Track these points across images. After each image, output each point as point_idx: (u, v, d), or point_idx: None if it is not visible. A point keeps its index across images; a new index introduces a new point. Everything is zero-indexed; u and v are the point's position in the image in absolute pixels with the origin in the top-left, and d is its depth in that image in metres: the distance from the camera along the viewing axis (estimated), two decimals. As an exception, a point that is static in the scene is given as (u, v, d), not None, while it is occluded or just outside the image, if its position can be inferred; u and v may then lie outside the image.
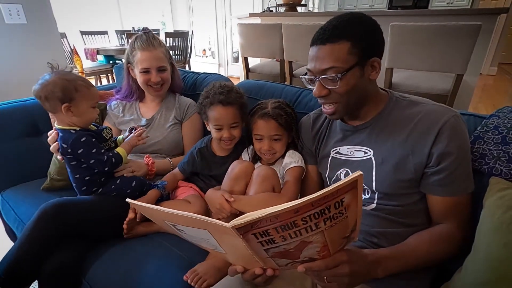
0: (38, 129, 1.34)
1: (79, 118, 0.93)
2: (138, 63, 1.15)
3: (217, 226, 0.43)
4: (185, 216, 0.45)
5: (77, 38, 4.16)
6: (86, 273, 0.86)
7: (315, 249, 0.47)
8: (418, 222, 0.71)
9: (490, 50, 4.62)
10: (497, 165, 0.70)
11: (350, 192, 0.40)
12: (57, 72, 0.92)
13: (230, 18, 5.12)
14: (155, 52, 1.15)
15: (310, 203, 0.38)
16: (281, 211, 0.38)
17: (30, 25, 1.99)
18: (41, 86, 0.89)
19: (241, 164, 0.92)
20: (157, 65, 1.16)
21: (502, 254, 0.54)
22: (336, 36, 0.66)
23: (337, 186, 0.37)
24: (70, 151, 0.92)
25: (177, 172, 1.12)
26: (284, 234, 0.42)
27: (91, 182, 0.97)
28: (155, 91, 1.20)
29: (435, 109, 0.69)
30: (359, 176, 0.38)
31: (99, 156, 0.93)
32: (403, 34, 1.77)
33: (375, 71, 0.70)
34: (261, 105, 0.99)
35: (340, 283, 0.53)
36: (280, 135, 0.95)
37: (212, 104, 0.99)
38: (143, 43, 1.14)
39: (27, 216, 1.05)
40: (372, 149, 0.74)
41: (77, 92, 0.91)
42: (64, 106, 0.90)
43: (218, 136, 1.01)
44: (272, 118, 0.93)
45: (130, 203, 0.52)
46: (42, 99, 0.90)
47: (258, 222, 0.40)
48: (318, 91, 0.72)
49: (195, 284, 0.76)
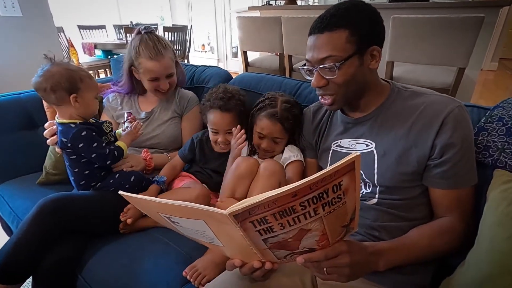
0: (33, 122, 1.32)
1: (84, 110, 0.93)
2: (146, 72, 1.11)
3: (213, 214, 0.42)
4: (180, 206, 0.43)
5: (75, 33, 4.12)
6: (82, 269, 0.85)
7: (314, 238, 0.45)
8: (420, 216, 0.69)
9: (491, 45, 4.59)
10: (501, 157, 0.68)
11: (348, 175, 0.39)
12: (57, 63, 0.90)
13: (229, 12, 5.07)
14: (163, 61, 1.10)
15: (308, 186, 0.37)
16: (279, 195, 0.37)
17: (25, 17, 1.96)
18: (45, 78, 0.86)
19: (247, 162, 0.87)
20: (167, 73, 1.13)
21: (506, 247, 0.53)
22: (334, 24, 0.65)
23: (335, 167, 0.37)
24: (70, 146, 0.91)
25: (176, 163, 1.11)
26: (282, 221, 0.41)
27: (90, 177, 0.96)
28: (162, 95, 1.18)
29: (438, 100, 0.67)
30: (357, 156, 0.38)
31: (100, 150, 0.92)
32: (405, 26, 1.74)
33: (375, 60, 0.68)
34: (271, 100, 0.96)
35: (340, 274, 0.52)
36: (282, 138, 0.94)
37: (211, 108, 1.00)
38: (150, 52, 1.07)
39: (22, 211, 1.04)
40: (374, 142, 0.73)
41: (82, 83, 0.90)
42: (73, 97, 0.88)
43: (214, 139, 1.03)
44: (279, 122, 0.92)
45: (123, 195, 0.51)
46: (47, 90, 0.86)
47: (256, 208, 0.39)
48: (316, 82, 0.70)
49: (194, 280, 0.75)
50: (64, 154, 0.96)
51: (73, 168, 0.96)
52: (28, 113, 1.31)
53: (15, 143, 1.26)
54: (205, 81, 1.35)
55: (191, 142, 1.11)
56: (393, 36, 1.79)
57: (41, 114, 1.26)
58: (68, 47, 3.38)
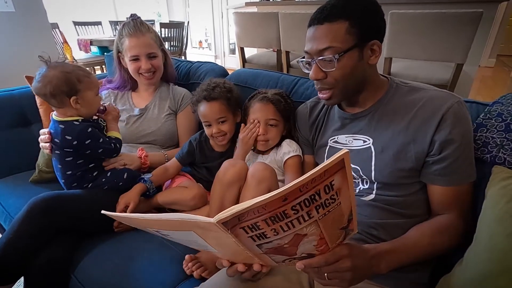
0: (26, 119, 1.30)
1: (87, 109, 0.92)
2: (127, 51, 1.12)
3: (201, 224, 0.40)
4: (165, 220, 0.42)
5: (70, 29, 4.07)
6: (75, 268, 0.84)
7: (312, 243, 0.44)
8: (418, 213, 0.68)
9: (489, 42, 4.58)
10: (500, 154, 0.67)
11: (339, 174, 0.37)
12: (53, 65, 0.89)
13: (226, 8, 5.03)
14: (143, 38, 1.11)
15: (298, 188, 0.35)
16: (267, 200, 0.35)
17: (18, 13, 1.93)
18: (43, 83, 0.86)
19: (234, 168, 0.83)
20: (146, 51, 1.12)
21: (506, 245, 0.52)
22: (334, 15, 0.63)
23: (323, 166, 0.35)
24: (75, 143, 0.89)
25: (171, 165, 1.08)
26: (275, 227, 0.39)
27: (82, 178, 0.94)
28: (146, 79, 1.16)
29: (437, 95, 0.66)
30: (345, 154, 0.36)
31: (106, 145, 0.94)
32: (403, 22, 1.73)
33: (374, 55, 0.67)
34: (260, 91, 0.98)
35: (341, 279, 0.50)
36: (276, 121, 0.93)
37: (198, 102, 1.00)
38: (130, 29, 1.11)
39: (15, 209, 1.03)
40: (371, 138, 0.72)
41: (81, 83, 0.89)
42: (73, 99, 0.88)
43: (209, 132, 1.01)
44: (271, 102, 0.93)
45: (108, 215, 0.49)
46: (47, 96, 0.87)
47: (245, 214, 0.37)
48: (314, 74, 0.68)
49: (196, 270, 0.74)
50: (57, 156, 0.93)
51: (65, 170, 0.93)
52: (21, 110, 1.29)
53: (7, 140, 1.24)
54: (200, 77, 1.33)
55: (190, 145, 1.08)
56: (391, 31, 1.77)
57: (34, 111, 1.24)
58: (62, 43, 3.34)
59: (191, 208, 0.97)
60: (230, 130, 1.01)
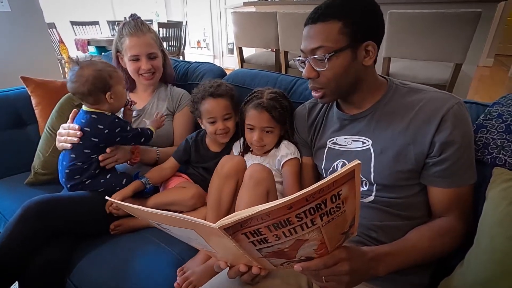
0: (21, 120, 1.29)
1: (118, 102, 0.97)
2: (127, 50, 1.11)
3: (203, 227, 0.40)
4: (170, 217, 0.41)
5: (68, 29, 4.05)
6: (71, 272, 0.82)
7: (312, 247, 0.43)
8: (418, 215, 0.68)
9: (487, 41, 4.59)
10: (500, 155, 0.67)
11: (347, 184, 0.36)
12: (85, 64, 0.92)
13: (225, 8, 5.01)
14: (143, 38, 1.10)
15: (305, 198, 0.34)
16: (273, 208, 0.34)
17: (14, 12, 1.91)
18: (81, 83, 0.89)
19: (232, 161, 0.86)
20: (147, 51, 1.11)
21: (507, 247, 0.51)
22: (328, 15, 0.63)
23: (333, 177, 0.34)
24: (106, 132, 0.92)
25: (167, 164, 1.07)
26: (277, 233, 0.38)
27: (86, 171, 0.94)
28: (146, 79, 1.15)
29: (437, 96, 0.65)
30: (357, 165, 0.35)
31: (134, 130, 0.98)
32: (402, 22, 1.72)
33: (369, 56, 0.66)
34: (257, 93, 0.96)
35: (339, 282, 0.49)
36: (272, 128, 0.92)
37: (203, 99, 1.00)
38: (131, 28, 1.10)
39: (10, 212, 1.01)
40: (370, 139, 0.71)
41: (112, 79, 0.93)
42: (108, 95, 0.92)
43: (213, 129, 1.00)
44: (265, 110, 0.90)
45: (112, 201, 0.49)
46: (85, 94, 0.91)
47: (248, 221, 0.37)
48: (307, 73, 0.68)
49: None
50: (77, 147, 0.92)
51: (77, 161, 0.92)
52: (16, 111, 1.27)
53: (2, 142, 1.23)
54: (198, 77, 1.32)
55: (186, 143, 1.08)
56: (390, 31, 1.77)
57: (30, 112, 1.23)
58: (59, 43, 3.32)
59: (190, 208, 0.96)
60: (233, 128, 1.02)
